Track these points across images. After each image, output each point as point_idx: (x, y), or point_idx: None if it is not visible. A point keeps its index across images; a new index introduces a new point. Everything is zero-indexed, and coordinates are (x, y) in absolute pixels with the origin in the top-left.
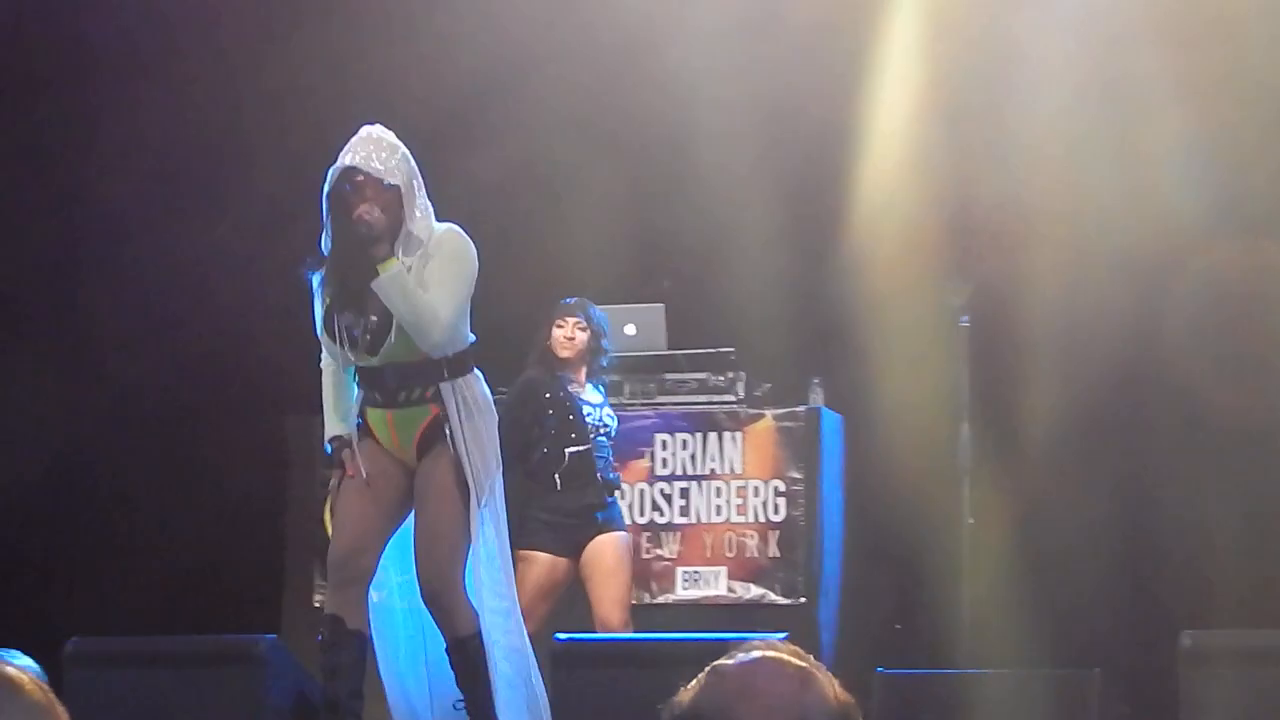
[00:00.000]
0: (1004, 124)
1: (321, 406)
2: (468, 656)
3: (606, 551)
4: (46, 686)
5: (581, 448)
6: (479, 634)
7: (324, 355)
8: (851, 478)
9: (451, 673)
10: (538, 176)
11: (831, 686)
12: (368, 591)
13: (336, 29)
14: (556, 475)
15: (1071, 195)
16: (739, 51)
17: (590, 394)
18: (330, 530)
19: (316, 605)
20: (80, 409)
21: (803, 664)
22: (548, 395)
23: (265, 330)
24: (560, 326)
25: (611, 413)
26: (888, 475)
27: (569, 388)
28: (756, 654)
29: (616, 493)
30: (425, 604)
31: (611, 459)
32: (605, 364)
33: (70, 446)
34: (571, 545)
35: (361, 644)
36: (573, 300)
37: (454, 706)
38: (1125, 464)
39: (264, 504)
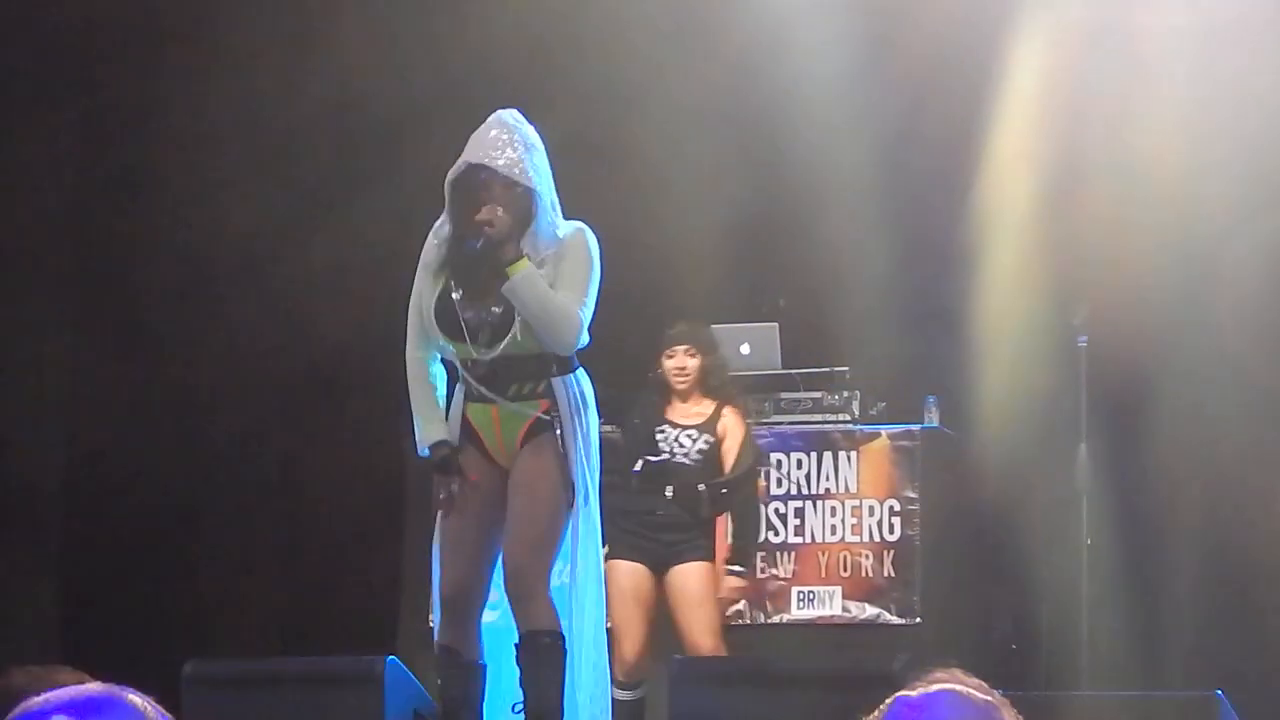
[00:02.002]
0: (1119, 141)
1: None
2: (538, 653)
3: (691, 580)
4: (168, 715)
5: (656, 458)
6: (558, 633)
7: (414, 346)
8: (967, 497)
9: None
10: (652, 195)
11: None
12: (480, 619)
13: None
14: (633, 471)
15: (1189, 211)
16: (856, 72)
17: (679, 414)
18: (438, 560)
19: (431, 626)
20: (199, 432)
21: (988, 697)
22: (643, 408)
23: (382, 350)
24: (670, 357)
25: (694, 434)
26: (1004, 495)
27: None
28: (939, 685)
29: (704, 521)
30: (505, 589)
31: (703, 483)
32: (720, 381)
33: (188, 469)
34: (653, 562)
35: (478, 675)
36: (678, 328)
37: (512, 709)
38: (1245, 484)
39: (381, 524)
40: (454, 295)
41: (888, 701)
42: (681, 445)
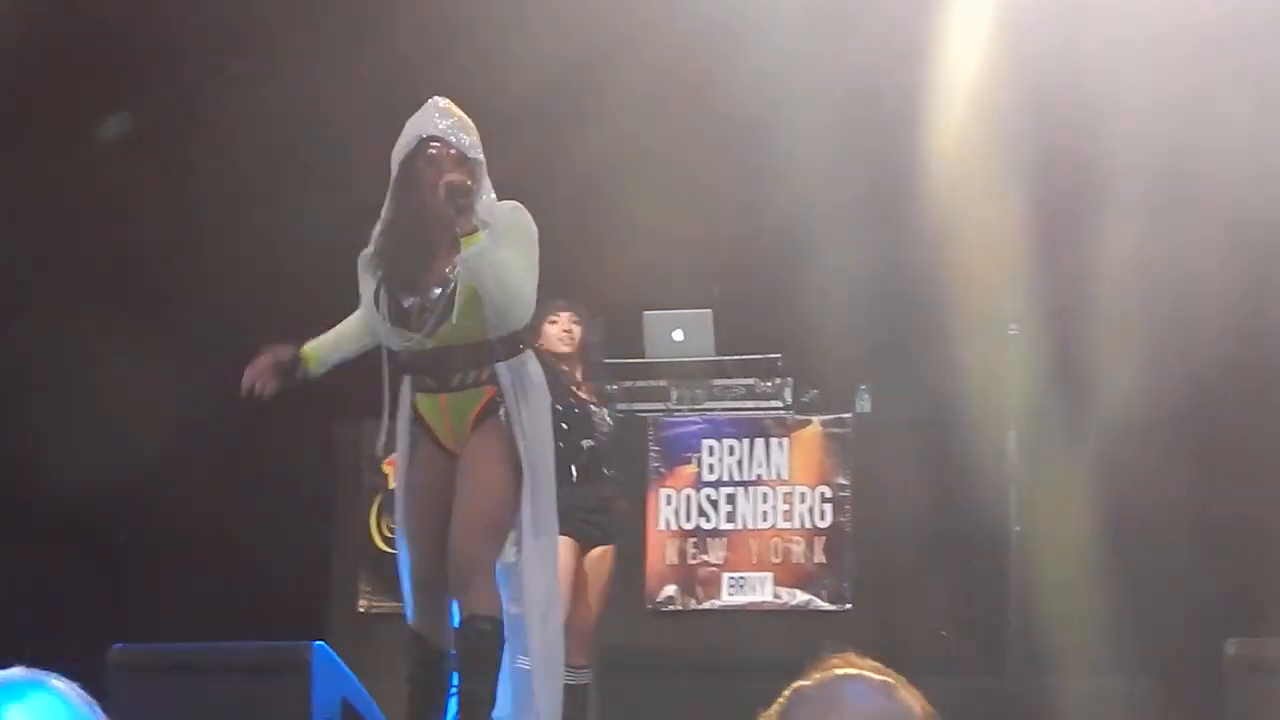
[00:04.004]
0: (1056, 132)
1: (368, 412)
2: (476, 638)
3: (604, 566)
4: (92, 700)
5: (592, 442)
6: (497, 619)
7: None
8: (898, 485)
9: None
10: (589, 182)
11: (916, 699)
12: (450, 605)
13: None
14: (573, 467)
15: (1121, 199)
16: (800, 62)
17: (590, 394)
18: (407, 543)
19: (362, 611)
20: (124, 416)
21: (884, 677)
22: (558, 391)
23: (313, 335)
24: (554, 322)
25: (608, 415)
26: (934, 482)
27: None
28: (838, 670)
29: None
30: (448, 572)
31: (610, 463)
32: (600, 363)
33: (116, 453)
34: (583, 540)
35: (446, 664)
36: (563, 300)
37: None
38: (1175, 471)
39: (310, 510)
40: (391, 284)
41: (785, 693)
42: (607, 422)
